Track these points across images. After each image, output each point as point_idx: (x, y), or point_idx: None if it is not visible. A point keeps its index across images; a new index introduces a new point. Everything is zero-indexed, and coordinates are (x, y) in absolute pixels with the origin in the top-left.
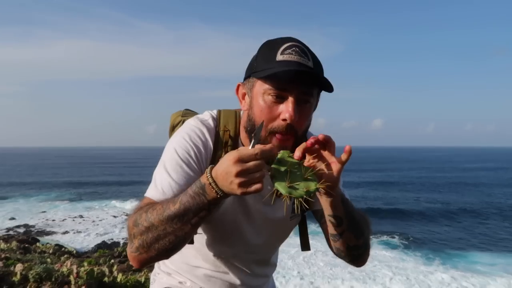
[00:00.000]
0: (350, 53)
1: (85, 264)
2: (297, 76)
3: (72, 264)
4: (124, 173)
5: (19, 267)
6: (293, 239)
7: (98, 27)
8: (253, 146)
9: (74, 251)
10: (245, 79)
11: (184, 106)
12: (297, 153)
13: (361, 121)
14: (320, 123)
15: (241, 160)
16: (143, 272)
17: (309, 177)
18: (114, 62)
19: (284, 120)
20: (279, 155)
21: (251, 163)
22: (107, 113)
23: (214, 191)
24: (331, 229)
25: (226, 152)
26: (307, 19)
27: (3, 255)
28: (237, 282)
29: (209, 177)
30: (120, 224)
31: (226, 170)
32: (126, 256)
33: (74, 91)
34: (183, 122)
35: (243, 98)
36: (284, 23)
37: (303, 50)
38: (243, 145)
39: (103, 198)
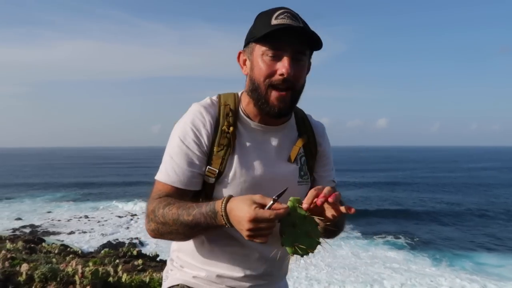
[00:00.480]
0: (355, 53)
1: (90, 264)
2: (291, 35)
3: (77, 264)
4: (129, 173)
5: (24, 267)
6: None
7: (102, 27)
8: (270, 207)
9: (80, 251)
10: (244, 46)
11: (189, 106)
12: (305, 205)
13: (366, 120)
14: (325, 122)
15: (255, 221)
16: (148, 272)
17: (314, 233)
18: (118, 62)
19: (281, 75)
20: (289, 204)
21: (264, 225)
22: (112, 113)
23: (224, 222)
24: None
25: (228, 123)
26: (312, 18)
27: (9, 255)
28: (256, 267)
29: (223, 209)
30: (125, 224)
31: (239, 219)
32: (131, 256)
33: (78, 92)
34: None
35: (244, 64)
36: None
37: (294, 15)
38: (244, 115)
39: (109, 198)
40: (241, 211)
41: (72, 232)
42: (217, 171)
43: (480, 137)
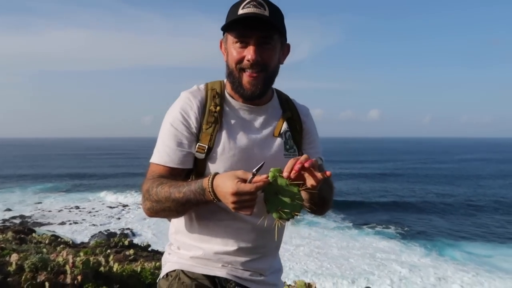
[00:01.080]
0: (349, 41)
1: (81, 254)
2: (253, 25)
3: (68, 254)
4: (121, 164)
5: (14, 257)
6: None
7: (94, 16)
8: (250, 181)
9: (70, 242)
10: (223, 33)
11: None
12: (285, 173)
13: (358, 111)
14: (318, 113)
15: (238, 194)
16: (139, 262)
17: (296, 197)
18: (111, 51)
19: (248, 60)
20: (270, 174)
21: (246, 197)
22: (103, 103)
23: (211, 197)
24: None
25: (215, 103)
26: (307, 7)
27: None
28: (249, 240)
29: (209, 186)
30: (117, 215)
31: (224, 193)
32: (122, 246)
33: (69, 81)
34: None
35: (225, 51)
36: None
37: (260, 3)
38: (230, 97)
39: (100, 189)
40: (225, 186)
41: (63, 223)
42: (207, 146)
43: (470, 129)
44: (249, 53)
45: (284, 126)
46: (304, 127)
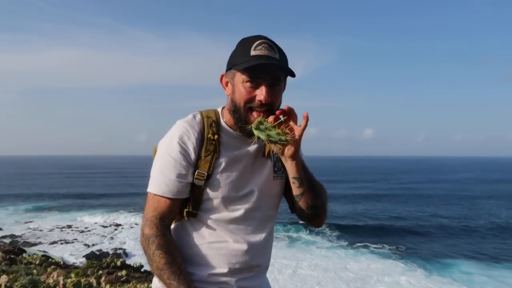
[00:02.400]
0: (343, 63)
1: (72, 275)
2: (267, 67)
3: (58, 275)
4: (115, 183)
5: (3, 279)
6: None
7: (90, 35)
8: None
9: (62, 262)
10: (227, 70)
11: (177, 114)
12: (270, 118)
13: (352, 130)
14: (312, 132)
15: None
16: (131, 284)
17: (282, 134)
18: (106, 70)
19: (260, 101)
20: (257, 120)
21: None
22: (98, 122)
23: None
24: (295, 191)
25: (212, 131)
26: (301, 28)
27: None
28: (243, 260)
29: None
30: (110, 234)
31: None
32: (114, 267)
33: (64, 100)
34: None
35: (226, 85)
36: (278, 32)
37: (271, 45)
38: (227, 125)
39: (93, 208)
40: None
41: (54, 243)
42: (206, 173)
43: (464, 147)
44: (261, 94)
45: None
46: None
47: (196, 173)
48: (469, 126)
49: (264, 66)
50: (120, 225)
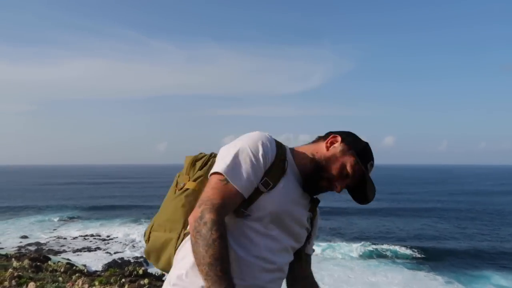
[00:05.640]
0: (361, 70)
1: (96, 283)
2: (362, 185)
3: (83, 283)
4: (136, 192)
5: (31, 286)
6: None
7: (111, 46)
8: None
9: (85, 270)
10: (344, 140)
11: (195, 124)
12: None
13: (372, 138)
14: None
15: None
16: None
17: None
18: (127, 81)
19: (335, 190)
20: None
21: None
22: (119, 132)
23: None
24: (303, 271)
25: (282, 160)
26: (319, 36)
27: (15, 274)
28: (267, 278)
29: None
30: (131, 243)
31: None
32: (137, 275)
33: (85, 110)
34: (206, 157)
35: (331, 145)
36: (296, 41)
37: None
38: (294, 162)
39: (115, 217)
40: None
41: (78, 251)
42: (272, 184)
43: (489, 156)
44: (341, 186)
45: (312, 208)
46: (315, 222)
47: (264, 179)
48: (493, 133)
49: (362, 182)
50: (142, 234)
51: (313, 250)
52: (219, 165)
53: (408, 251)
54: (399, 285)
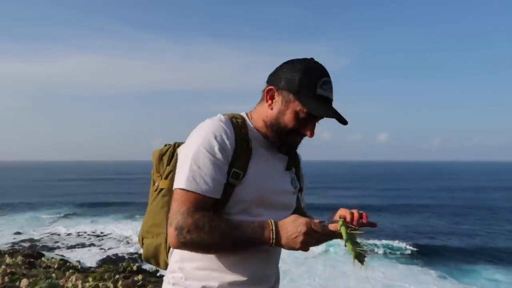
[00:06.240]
0: (356, 68)
1: (90, 279)
2: (326, 113)
3: (77, 280)
4: (130, 188)
5: (24, 282)
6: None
7: (106, 42)
8: (322, 227)
9: (79, 266)
10: (280, 86)
11: (190, 118)
12: (355, 222)
13: (366, 135)
14: (326, 136)
15: (310, 232)
16: None
17: (361, 244)
18: (121, 76)
19: (305, 135)
20: (340, 223)
21: (316, 236)
22: (114, 127)
23: (271, 235)
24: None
25: (245, 133)
26: (315, 33)
27: (8, 270)
28: (264, 269)
29: (273, 224)
30: (125, 239)
31: (294, 230)
32: (131, 271)
33: (81, 105)
34: (171, 149)
35: (271, 99)
36: (292, 37)
37: (331, 86)
38: (256, 130)
39: (109, 213)
40: (297, 224)
41: (72, 247)
42: (242, 173)
43: (482, 152)
44: (310, 130)
45: (291, 165)
46: (301, 172)
47: (232, 171)
48: (486, 129)
49: (326, 110)
50: (136, 230)
51: (306, 204)
52: (178, 179)
53: (402, 246)
54: (393, 279)
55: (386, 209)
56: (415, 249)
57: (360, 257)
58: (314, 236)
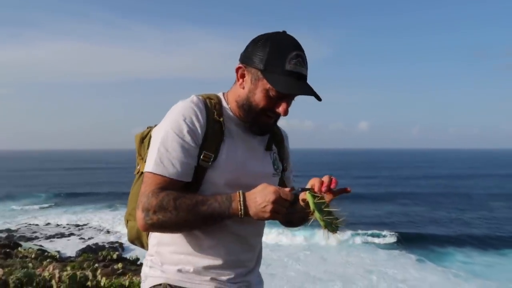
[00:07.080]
0: (338, 56)
1: (68, 268)
2: (298, 88)
3: (54, 269)
4: (111, 177)
5: None
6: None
7: (88, 28)
8: (292, 195)
9: (57, 256)
10: (248, 64)
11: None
12: (327, 198)
13: (347, 123)
14: (308, 125)
15: (279, 199)
16: (127, 276)
17: (333, 213)
18: (103, 63)
19: (279, 114)
20: (308, 194)
21: (285, 204)
22: (96, 116)
23: (239, 207)
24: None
25: (218, 113)
26: (298, 21)
27: None
28: (239, 252)
29: (241, 195)
30: (106, 228)
31: (263, 199)
32: (111, 260)
33: (62, 93)
34: (151, 133)
35: (242, 78)
36: (275, 25)
37: (304, 59)
38: (231, 111)
39: (89, 202)
40: (265, 193)
41: (51, 237)
42: (213, 156)
43: (459, 140)
44: (283, 108)
45: (273, 147)
46: (286, 152)
47: (202, 154)
48: (463, 118)
49: (296, 86)
50: (116, 219)
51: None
52: (147, 162)
53: (382, 233)
54: (374, 264)
55: (367, 196)
56: (394, 234)
57: (330, 226)
58: (284, 205)
